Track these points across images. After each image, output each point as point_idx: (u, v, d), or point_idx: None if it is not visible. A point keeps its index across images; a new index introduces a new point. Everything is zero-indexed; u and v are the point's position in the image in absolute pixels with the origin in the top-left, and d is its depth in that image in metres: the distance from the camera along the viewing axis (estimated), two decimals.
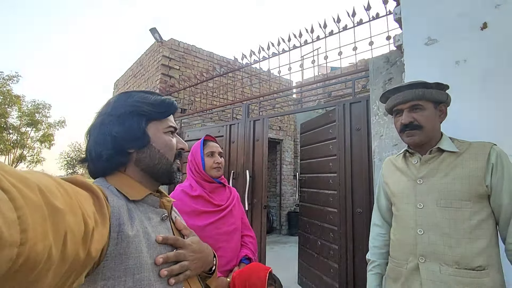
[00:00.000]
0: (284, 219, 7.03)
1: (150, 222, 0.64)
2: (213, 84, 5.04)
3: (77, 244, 0.39)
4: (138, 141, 0.65)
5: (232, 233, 1.32)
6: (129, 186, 0.64)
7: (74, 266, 0.40)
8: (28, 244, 0.29)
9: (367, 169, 2.22)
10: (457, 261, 0.95)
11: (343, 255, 2.28)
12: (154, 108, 0.68)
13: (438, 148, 1.06)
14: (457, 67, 1.45)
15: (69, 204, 0.39)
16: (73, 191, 0.43)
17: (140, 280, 0.56)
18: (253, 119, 3.29)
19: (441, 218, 0.99)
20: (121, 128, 0.64)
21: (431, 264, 0.99)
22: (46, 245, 0.32)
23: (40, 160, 16.77)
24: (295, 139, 7.36)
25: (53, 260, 0.34)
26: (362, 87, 2.61)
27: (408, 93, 1.07)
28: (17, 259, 0.28)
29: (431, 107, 1.07)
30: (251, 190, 3.14)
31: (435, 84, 1.08)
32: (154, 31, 4.94)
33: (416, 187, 1.07)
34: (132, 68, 6.47)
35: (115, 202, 0.57)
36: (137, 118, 0.66)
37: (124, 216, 0.57)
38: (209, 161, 1.37)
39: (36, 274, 0.32)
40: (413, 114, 1.07)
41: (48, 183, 0.37)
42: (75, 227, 0.39)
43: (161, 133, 0.69)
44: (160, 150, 0.68)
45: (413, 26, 1.63)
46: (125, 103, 0.67)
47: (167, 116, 0.71)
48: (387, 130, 1.96)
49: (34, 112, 15.88)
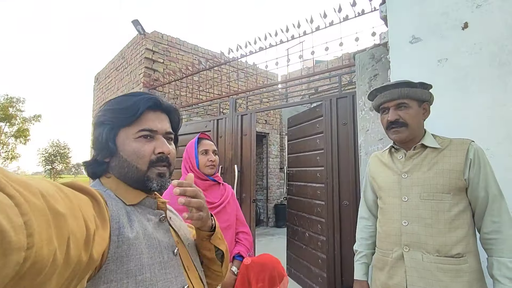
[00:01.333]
0: (271, 212, 7.12)
1: (149, 224, 0.65)
2: (198, 78, 4.97)
3: (80, 248, 0.40)
4: (103, 151, 0.66)
5: (226, 230, 1.34)
6: (125, 191, 0.65)
7: (77, 270, 0.40)
8: (35, 248, 0.30)
9: (353, 163, 2.29)
10: (438, 250, 1.02)
11: (331, 246, 2.36)
12: (118, 114, 0.65)
13: (422, 144, 1.13)
14: (440, 65, 1.51)
15: (70, 208, 0.39)
16: (73, 196, 0.43)
17: (143, 281, 0.57)
18: (240, 113, 3.29)
19: (423, 209, 1.07)
20: (93, 138, 0.67)
21: (414, 253, 1.07)
22: (51, 249, 0.33)
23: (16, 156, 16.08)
24: (281, 132, 7.42)
25: (57, 264, 0.35)
26: (348, 82, 2.66)
27: (395, 92, 1.13)
28: (24, 263, 0.29)
29: (415, 105, 1.13)
30: (239, 184, 3.16)
31: (420, 83, 1.15)
32: (137, 23, 4.79)
33: (401, 181, 1.14)
34: (114, 61, 6.26)
35: (113, 205, 0.58)
36: (103, 127, 0.65)
37: (123, 219, 0.58)
38: (203, 159, 1.38)
39: (42, 278, 0.32)
40: (398, 112, 1.13)
41: (48, 188, 0.37)
42: (77, 230, 0.39)
43: (131, 139, 0.65)
44: (127, 159, 0.64)
45: (399, 24, 1.68)
46: (99, 112, 0.68)
47: (135, 119, 0.65)
48: (373, 125, 2.02)
49: (7, 106, 15.13)
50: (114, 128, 0.65)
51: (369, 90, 1.96)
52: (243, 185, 3.17)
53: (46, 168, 22.65)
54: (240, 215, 1.50)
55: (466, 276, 0.99)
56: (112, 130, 0.65)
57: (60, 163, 20.51)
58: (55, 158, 21.71)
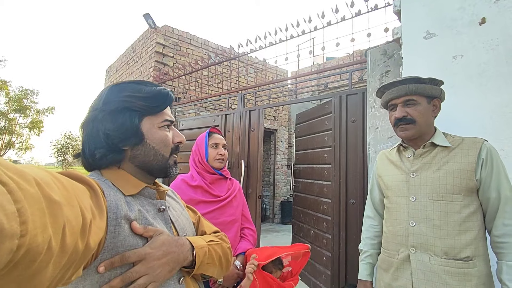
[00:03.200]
0: (277, 208, 7.12)
1: (148, 214, 0.64)
2: (208, 73, 4.97)
3: (76, 236, 0.39)
4: (131, 138, 0.63)
5: (230, 224, 1.34)
6: (124, 181, 0.63)
7: (73, 258, 0.40)
8: (28, 236, 0.30)
9: (362, 161, 2.26)
10: (446, 252, 0.99)
11: (336, 244, 2.34)
12: (147, 102, 0.65)
13: (432, 142, 1.09)
14: (455, 61, 1.46)
15: (66, 197, 0.39)
16: (70, 184, 0.43)
17: None
18: (248, 109, 3.28)
19: (432, 210, 1.03)
20: (114, 125, 0.62)
21: (421, 254, 1.03)
22: (45, 236, 0.33)
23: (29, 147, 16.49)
24: (289, 129, 7.39)
25: (52, 251, 0.34)
26: (358, 79, 2.61)
27: (402, 88, 1.10)
28: (17, 251, 0.29)
29: (424, 102, 1.09)
30: (246, 180, 3.16)
31: (429, 79, 1.10)
32: (148, 17, 4.81)
33: (409, 181, 1.11)
34: (125, 55, 6.32)
35: (112, 196, 0.56)
36: (129, 114, 0.63)
37: (123, 209, 0.57)
38: (212, 152, 1.39)
39: (37, 266, 0.32)
40: (406, 109, 1.10)
41: (44, 177, 0.37)
42: (73, 219, 0.39)
43: (156, 128, 0.66)
44: (155, 147, 0.66)
45: (413, 19, 1.63)
46: (117, 97, 0.64)
47: (162, 110, 0.67)
48: (382, 122, 1.98)
49: (22, 98, 15.49)
50: (141, 115, 0.64)
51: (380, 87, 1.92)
52: (249, 181, 3.17)
53: (59, 159, 23.19)
54: (246, 212, 1.50)
55: (474, 280, 0.96)
56: (140, 117, 0.64)
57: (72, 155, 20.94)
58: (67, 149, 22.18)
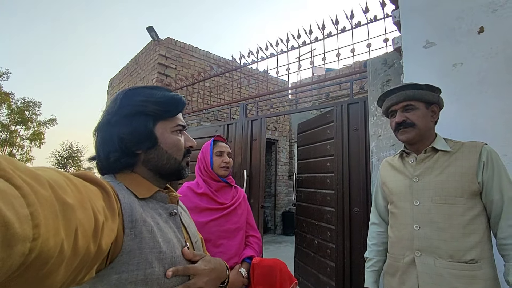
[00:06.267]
0: (279, 219, 7.06)
1: (160, 218, 0.64)
2: (210, 84, 5.03)
3: (88, 239, 0.40)
4: (145, 142, 0.64)
5: (235, 232, 1.34)
6: (138, 184, 0.64)
7: (85, 260, 0.40)
8: (41, 239, 0.30)
9: (365, 169, 2.26)
10: (451, 255, 0.99)
11: (340, 253, 2.31)
12: (161, 107, 0.66)
13: (433, 147, 1.11)
14: (454, 70, 1.49)
15: (79, 199, 0.39)
16: (83, 186, 0.43)
17: (151, 274, 0.56)
18: (250, 119, 3.30)
19: (436, 214, 1.04)
20: (128, 129, 0.63)
21: (426, 257, 1.04)
22: (57, 240, 0.33)
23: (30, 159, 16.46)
24: (290, 139, 7.41)
25: (64, 254, 0.34)
26: (360, 89, 2.65)
27: (400, 95, 1.14)
28: (29, 254, 0.29)
29: (422, 107, 1.12)
30: (248, 190, 3.15)
31: (426, 85, 1.14)
32: (151, 29, 4.91)
33: (413, 185, 1.12)
34: (128, 67, 6.41)
35: (126, 198, 0.57)
36: (144, 118, 0.64)
37: (137, 211, 0.57)
38: (217, 160, 1.40)
39: (48, 268, 0.32)
40: (405, 114, 1.13)
41: (58, 179, 0.37)
42: (86, 222, 0.39)
43: (169, 133, 0.68)
44: (168, 151, 0.67)
45: (412, 29, 1.67)
46: (131, 101, 0.65)
47: (175, 115, 0.69)
48: (384, 130, 1.99)
49: (23, 110, 15.58)
50: (154, 119, 0.66)
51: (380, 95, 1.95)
52: (251, 191, 3.16)
53: None
54: (251, 219, 1.50)
55: (481, 283, 0.95)
56: (153, 121, 0.66)
57: (72, 167, 20.94)
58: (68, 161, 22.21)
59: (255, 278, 1.14)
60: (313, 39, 2.83)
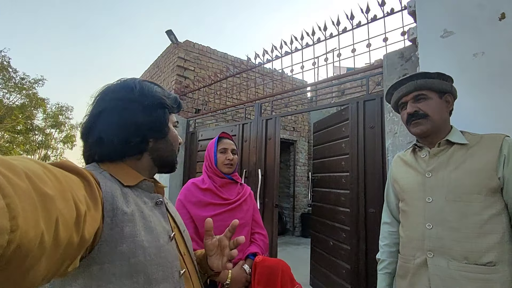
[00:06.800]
0: (298, 221, 6.97)
1: (145, 206, 0.63)
2: (226, 85, 5.08)
3: (70, 229, 0.39)
4: (160, 132, 0.69)
5: (240, 228, 1.32)
6: (124, 173, 0.64)
7: (68, 251, 0.40)
8: (19, 231, 0.29)
9: (381, 168, 2.16)
10: (466, 257, 0.91)
11: (355, 255, 2.22)
12: (171, 102, 0.73)
13: (447, 140, 1.03)
14: (475, 59, 1.39)
15: (59, 189, 0.38)
16: (63, 176, 0.42)
17: (135, 264, 0.55)
18: (265, 118, 3.28)
19: (449, 212, 0.96)
20: (148, 118, 0.66)
21: (439, 259, 0.96)
22: (37, 231, 0.32)
23: (66, 161, 17.47)
24: (309, 140, 7.30)
25: (45, 246, 0.34)
26: (376, 85, 2.55)
27: (410, 85, 1.07)
28: (8, 246, 0.28)
29: (435, 96, 1.05)
30: (262, 189, 3.13)
31: (437, 74, 1.06)
32: (170, 33, 5.04)
33: (425, 181, 1.04)
34: (149, 70, 6.63)
35: (108, 186, 0.56)
36: (163, 110, 0.70)
37: (119, 200, 0.56)
38: (221, 157, 1.40)
39: (29, 260, 0.32)
40: (417, 104, 1.06)
41: (36, 169, 0.36)
42: (67, 212, 0.38)
43: (172, 126, 0.74)
44: (172, 143, 0.73)
45: (428, 18, 1.58)
46: (150, 93, 0.68)
47: (177, 111, 0.78)
48: (401, 127, 1.90)
49: (57, 114, 16.59)
50: (168, 112, 0.72)
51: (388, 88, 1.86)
52: (266, 190, 3.13)
53: None
54: (257, 217, 1.47)
55: (497, 287, 0.87)
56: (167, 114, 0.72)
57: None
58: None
59: (256, 276, 1.12)
60: (328, 36, 2.76)
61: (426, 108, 1.03)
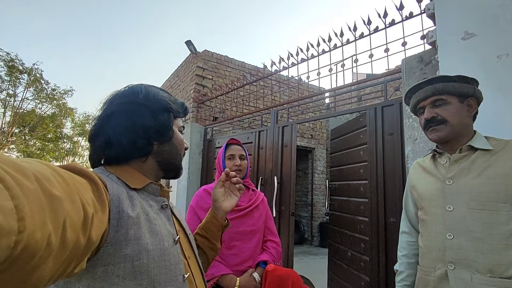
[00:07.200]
0: (316, 230, 6.81)
1: (151, 209, 0.64)
2: (243, 92, 5.13)
3: (77, 231, 0.39)
4: (165, 135, 0.70)
5: (250, 234, 1.31)
6: (131, 176, 0.65)
7: (75, 252, 0.40)
8: (26, 232, 0.29)
9: (401, 176, 2.08)
10: (490, 269, 0.85)
11: (375, 267, 2.13)
12: (177, 106, 0.75)
13: (470, 146, 0.98)
14: (499, 61, 1.32)
15: (67, 191, 0.39)
16: (71, 179, 0.43)
17: (139, 266, 0.55)
18: (281, 125, 3.27)
19: (472, 221, 0.90)
20: (154, 121, 0.67)
21: (461, 271, 0.90)
22: (45, 232, 0.32)
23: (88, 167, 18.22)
24: (327, 147, 7.18)
25: (52, 247, 0.34)
26: (394, 90, 2.48)
27: (429, 89, 1.02)
28: (15, 247, 0.28)
29: (455, 101, 1.00)
30: (279, 196, 3.09)
31: (457, 77, 1.01)
32: (189, 43, 5.19)
33: (445, 188, 0.99)
34: (170, 80, 6.83)
35: (114, 189, 0.57)
36: (168, 114, 0.71)
37: (125, 203, 0.57)
38: (229, 163, 1.41)
39: (36, 261, 0.32)
40: (435, 109, 1.01)
41: (44, 171, 0.37)
42: (74, 214, 0.39)
43: (177, 130, 0.75)
44: (177, 147, 0.73)
45: (448, 20, 1.53)
46: (156, 97, 0.70)
47: (184, 116, 0.78)
48: (421, 133, 1.83)
49: (85, 123, 17.40)
50: (173, 116, 0.74)
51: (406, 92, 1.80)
52: (282, 198, 3.10)
53: None
54: (270, 224, 1.45)
55: None
56: (173, 118, 0.73)
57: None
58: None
59: (266, 286, 1.09)
60: (345, 42, 2.73)
61: (445, 113, 0.99)
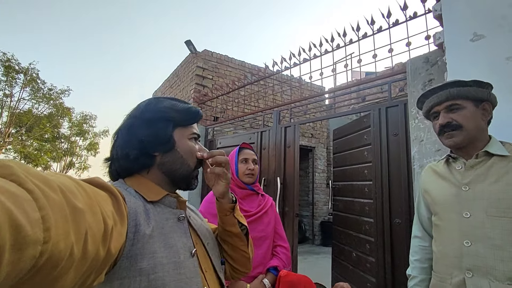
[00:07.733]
0: (317, 229, 6.82)
1: (167, 223, 0.64)
2: (244, 92, 5.11)
3: (97, 243, 0.40)
4: (163, 145, 0.68)
5: (261, 240, 1.30)
6: (147, 188, 0.66)
7: (94, 264, 0.40)
8: (51, 242, 0.30)
9: (406, 177, 2.08)
10: (510, 277, 0.84)
11: (381, 268, 2.13)
12: (180, 114, 0.71)
13: (486, 151, 0.96)
14: (509, 64, 1.31)
15: (89, 204, 0.40)
16: (92, 192, 0.44)
17: (155, 280, 0.56)
18: (284, 125, 3.26)
19: (491, 228, 0.89)
20: (148, 132, 0.67)
21: (479, 279, 0.89)
22: (68, 243, 0.33)
23: (87, 167, 18.11)
24: (328, 146, 7.18)
25: (74, 258, 0.35)
26: (399, 90, 2.47)
27: (443, 94, 1.01)
28: (40, 257, 0.29)
29: (470, 105, 0.99)
30: (282, 197, 3.09)
31: (473, 81, 1.00)
32: (189, 43, 5.16)
33: (461, 194, 0.98)
34: (169, 79, 6.79)
35: (132, 203, 0.58)
36: (164, 123, 0.68)
37: (141, 217, 0.58)
38: (242, 167, 1.39)
39: (58, 271, 0.33)
40: (450, 115, 1.00)
41: (68, 184, 0.38)
42: (95, 226, 0.40)
43: (186, 139, 0.72)
44: (183, 156, 0.70)
45: (456, 22, 1.52)
46: (154, 108, 0.70)
47: (192, 123, 0.74)
48: (428, 134, 1.82)
49: (82, 122, 17.29)
50: (174, 125, 0.70)
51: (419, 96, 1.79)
52: (286, 199, 3.09)
53: None
54: (280, 229, 1.45)
55: None
56: (173, 127, 0.70)
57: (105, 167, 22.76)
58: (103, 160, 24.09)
59: None
60: (348, 42, 2.72)
61: (460, 118, 0.98)
